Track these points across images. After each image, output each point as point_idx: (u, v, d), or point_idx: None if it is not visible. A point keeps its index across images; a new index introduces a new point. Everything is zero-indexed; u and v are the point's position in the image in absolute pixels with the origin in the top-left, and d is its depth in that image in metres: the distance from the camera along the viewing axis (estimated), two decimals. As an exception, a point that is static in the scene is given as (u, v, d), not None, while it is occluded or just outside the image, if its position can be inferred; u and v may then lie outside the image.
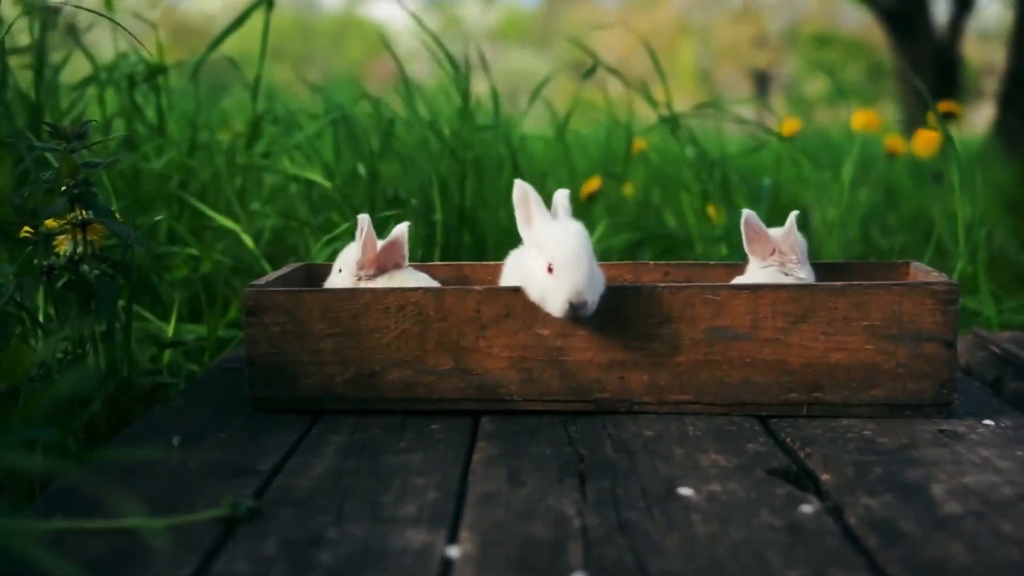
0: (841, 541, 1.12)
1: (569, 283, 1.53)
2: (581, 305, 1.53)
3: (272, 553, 1.09)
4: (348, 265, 1.80)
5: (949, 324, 1.55)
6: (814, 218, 3.12)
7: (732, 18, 21.09)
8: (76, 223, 1.64)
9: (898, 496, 1.24)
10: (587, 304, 1.53)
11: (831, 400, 1.58)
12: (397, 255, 1.79)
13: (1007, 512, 1.18)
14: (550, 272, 1.54)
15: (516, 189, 1.65)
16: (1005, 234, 3.50)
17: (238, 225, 2.45)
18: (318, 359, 1.64)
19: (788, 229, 1.73)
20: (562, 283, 1.53)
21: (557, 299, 1.54)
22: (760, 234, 1.75)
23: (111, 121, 2.68)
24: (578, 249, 1.55)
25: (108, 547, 1.10)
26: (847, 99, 3.53)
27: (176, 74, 2.88)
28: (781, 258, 1.74)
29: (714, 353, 1.59)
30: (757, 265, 1.77)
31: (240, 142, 2.80)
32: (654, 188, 3.35)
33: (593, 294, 1.54)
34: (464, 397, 1.63)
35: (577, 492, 1.27)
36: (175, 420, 1.62)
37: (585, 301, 1.53)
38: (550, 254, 1.55)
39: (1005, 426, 1.54)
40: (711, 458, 1.40)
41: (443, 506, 1.23)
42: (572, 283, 1.53)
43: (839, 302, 1.56)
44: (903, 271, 1.88)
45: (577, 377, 1.61)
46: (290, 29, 18.24)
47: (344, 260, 1.82)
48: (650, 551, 1.09)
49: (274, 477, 1.34)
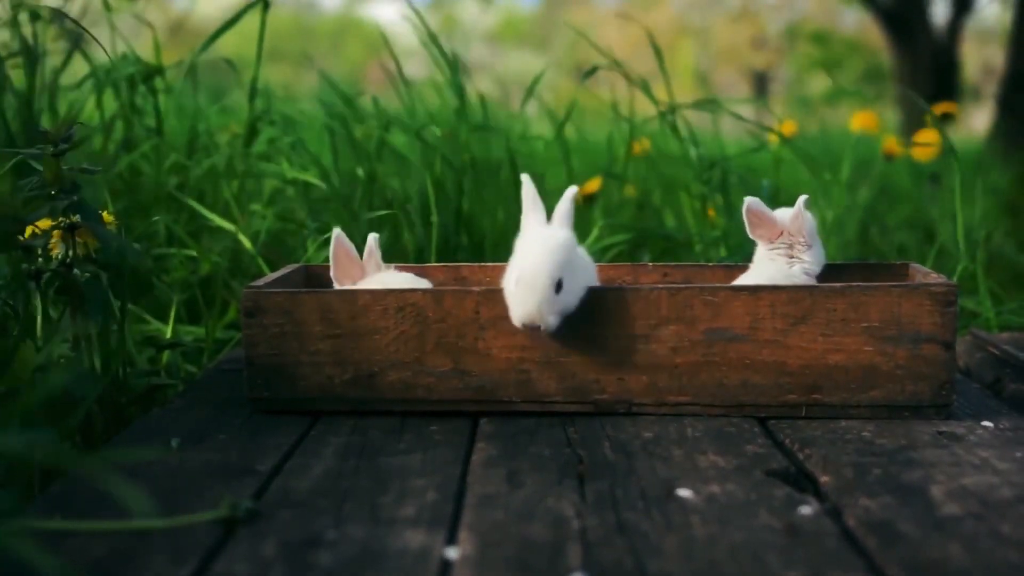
0: (840, 542, 1.12)
1: (521, 309, 1.53)
2: (534, 328, 1.53)
3: (271, 554, 1.09)
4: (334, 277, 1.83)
5: (948, 325, 1.56)
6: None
7: (731, 19, 21.11)
8: (65, 227, 1.64)
9: (897, 497, 1.24)
10: (540, 329, 1.53)
11: (830, 401, 1.59)
12: (370, 265, 1.81)
13: (1006, 513, 1.18)
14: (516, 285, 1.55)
15: (523, 182, 1.67)
16: (1004, 235, 3.50)
17: (236, 226, 2.45)
18: (317, 360, 1.64)
19: (796, 212, 1.73)
20: (515, 307, 1.55)
21: (513, 317, 1.55)
22: (763, 218, 1.75)
23: (112, 122, 2.68)
24: (537, 271, 1.53)
25: (107, 548, 1.10)
26: (846, 98, 3.54)
27: (174, 75, 2.88)
28: (789, 239, 1.75)
29: (713, 354, 1.59)
30: (764, 249, 1.78)
31: (238, 143, 2.79)
32: (654, 189, 3.35)
33: (551, 317, 1.53)
34: (463, 398, 1.63)
35: (576, 493, 1.27)
36: (174, 421, 1.62)
37: (538, 327, 1.53)
38: (517, 267, 1.56)
39: (1004, 427, 1.54)
40: (710, 459, 1.40)
41: (442, 507, 1.23)
42: (524, 310, 1.53)
43: (838, 303, 1.56)
44: (902, 272, 1.88)
45: (576, 378, 1.61)
46: (289, 30, 18.25)
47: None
48: (649, 552, 1.09)
49: (273, 478, 1.34)
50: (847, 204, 3.00)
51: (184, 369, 2.14)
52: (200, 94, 3.11)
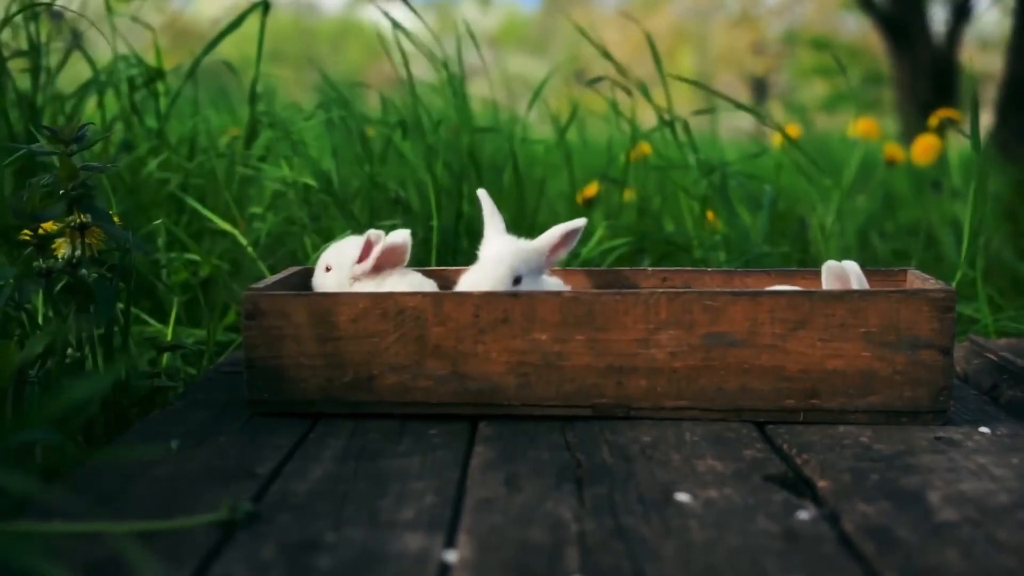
0: (837, 548, 1.12)
1: (472, 277, 1.69)
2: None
3: (270, 557, 1.09)
4: (342, 265, 1.81)
5: (946, 331, 1.56)
6: (812, 225, 3.13)
7: (730, 24, 21.12)
8: (74, 227, 1.64)
9: (894, 503, 1.24)
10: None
11: (828, 407, 1.59)
12: (397, 258, 1.82)
13: (1003, 520, 1.19)
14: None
15: (480, 197, 1.80)
16: (1002, 241, 3.51)
17: (237, 229, 2.45)
18: (316, 363, 1.64)
19: (857, 274, 1.66)
20: (467, 276, 1.72)
21: (461, 283, 1.72)
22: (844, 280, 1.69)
23: (113, 124, 2.68)
24: (500, 258, 1.69)
25: (106, 551, 1.10)
26: (846, 103, 3.55)
27: (176, 78, 2.89)
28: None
29: (712, 359, 1.59)
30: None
31: (238, 145, 2.80)
32: (654, 193, 3.35)
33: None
34: (462, 402, 1.63)
35: (574, 497, 1.27)
36: (174, 423, 1.62)
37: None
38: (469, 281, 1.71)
39: (1001, 434, 1.55)
40: (708, 464, 1.40)
41: (441, 511, 1.23)
42: (474, 279, 1.69)
43: (837, 309, 1.57)
44: (900, 278, 1.88)
45: (575, 382, 1.62)
46: (290, 32, 18.25)
47: (336, 259, 1.84)
48: (647, 557, 1.09)
49: (272, 481, 1.35)
50: (847, 209, 3.00)
51: (184, 371, 2.14)
52: (201, 96, 3.11)
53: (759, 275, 1.93)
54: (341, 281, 1.82)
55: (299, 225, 2.70)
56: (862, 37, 13.83)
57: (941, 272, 2.77)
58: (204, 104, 3.22)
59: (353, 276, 1.80)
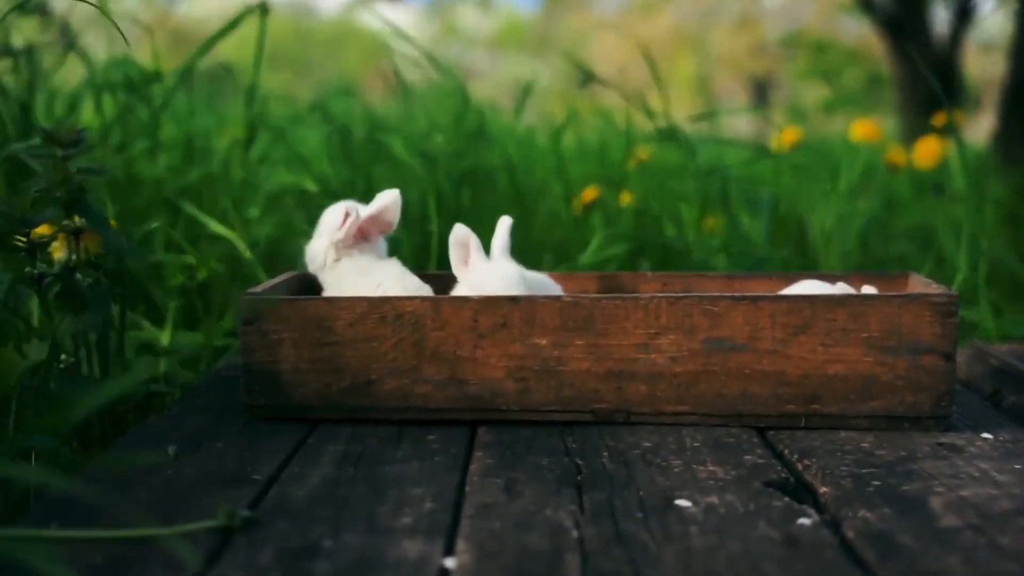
0: (839, 554, 1.11)
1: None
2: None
3: (268, 563, 1.08)
4: (322, 234, 1.82)
5: (948, 336, 1.55)
6: (812, 228, 3.12)
7: (730, 27, 21.13)
8: (69, 231, 1.63)
9: (896, 509, 1.24)
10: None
11: (829, 412, 1.58)
12: (384, 222, 1.82)
13: (1005, 526, 1.18)
14: None
15: (455, 232, 1.72)
16: (1004, 246, 3.50)
17: (234, 233, 2.44)
18: (314, 368, 1.63)
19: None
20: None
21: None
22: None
23: (110, 127, 2.67)
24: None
25: (104, 556, 1.10)
26: (846, 106, 3.54)
27: (173, 80, 2.88)
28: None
29: (712, 364, 1.59)
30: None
31: (236, 148, 2.79)
32: (652, 198, 3.35)
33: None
34: (461, 407, 1.63)
35: (574, 503, 1.26)
36: (171, 429, 1.61)
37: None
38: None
39: (1003, 439, 1.54)
40: (708, 469, 1.39)
41: (440, 517, 1.22)
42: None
43: (838, 313, 1.56)
44: (901, 282, 1.87)
45: (574, 387, 1.61)
46: (287, 35, 18.26)
47: (321, 227, 1.84)
48: (647, 563, 1.08)
49: (270, 486, 1.34)
50: (847, 213, 2.99)
51: (182, 376, 2.13)
52: (198, 98, 3.11)
53: (760, 279, 1.92)
54: (325, 247, 1.82)
55: (296, 230, 2.70)
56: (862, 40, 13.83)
57: (943, 276, 2.76)
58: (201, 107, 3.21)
59: (334, 243, 1.80)
